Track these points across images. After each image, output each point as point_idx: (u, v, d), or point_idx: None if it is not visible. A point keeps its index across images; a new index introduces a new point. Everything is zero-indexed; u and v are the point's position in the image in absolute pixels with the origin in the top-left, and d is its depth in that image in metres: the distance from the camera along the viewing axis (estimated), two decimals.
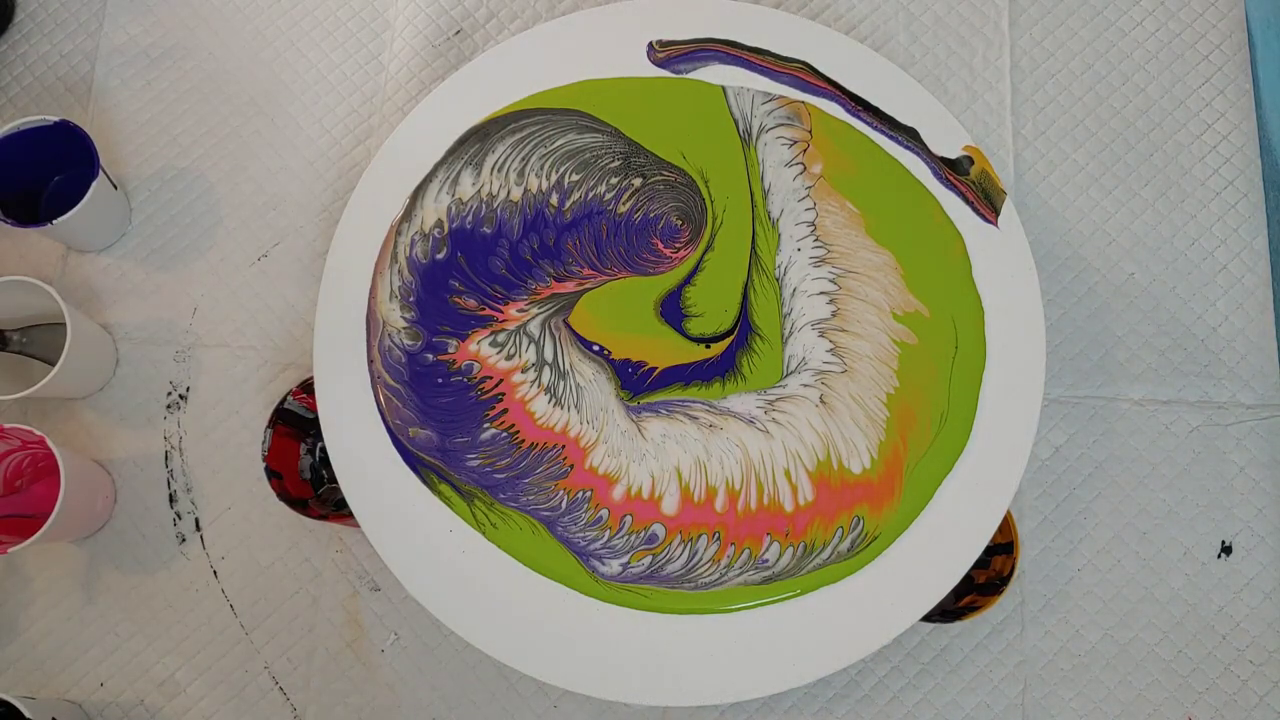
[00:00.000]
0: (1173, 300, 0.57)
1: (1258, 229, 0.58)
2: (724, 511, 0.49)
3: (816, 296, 0.51)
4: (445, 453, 0.50)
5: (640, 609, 0.48)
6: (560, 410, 0.50)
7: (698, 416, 0.50)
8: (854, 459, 0.49)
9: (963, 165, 0.52)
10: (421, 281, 0.52)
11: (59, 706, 0.52)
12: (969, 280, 0.51)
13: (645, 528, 0.49)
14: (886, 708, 0.54)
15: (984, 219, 0.51)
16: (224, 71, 0.62)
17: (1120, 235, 0.59)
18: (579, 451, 0.50)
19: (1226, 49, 0.61)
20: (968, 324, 0.50)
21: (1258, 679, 0.54)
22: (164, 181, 0.61)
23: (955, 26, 0.61)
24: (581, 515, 0.49)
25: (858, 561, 0.48)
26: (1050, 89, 0.61)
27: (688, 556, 0.48)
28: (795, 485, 0.49)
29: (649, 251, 0.52)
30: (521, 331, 0.51)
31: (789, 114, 0.53)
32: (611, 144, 0.53)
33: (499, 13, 0.63)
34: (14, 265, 0.59)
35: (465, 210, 0.53)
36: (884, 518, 0.48)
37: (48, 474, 0.55)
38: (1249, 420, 0.56)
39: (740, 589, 0.48)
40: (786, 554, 0.48)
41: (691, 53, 0.54)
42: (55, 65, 0.62)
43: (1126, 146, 0.60)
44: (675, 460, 0.50)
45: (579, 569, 0.49)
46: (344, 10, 0.64)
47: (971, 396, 0.49)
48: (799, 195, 0.52)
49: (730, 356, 0.51)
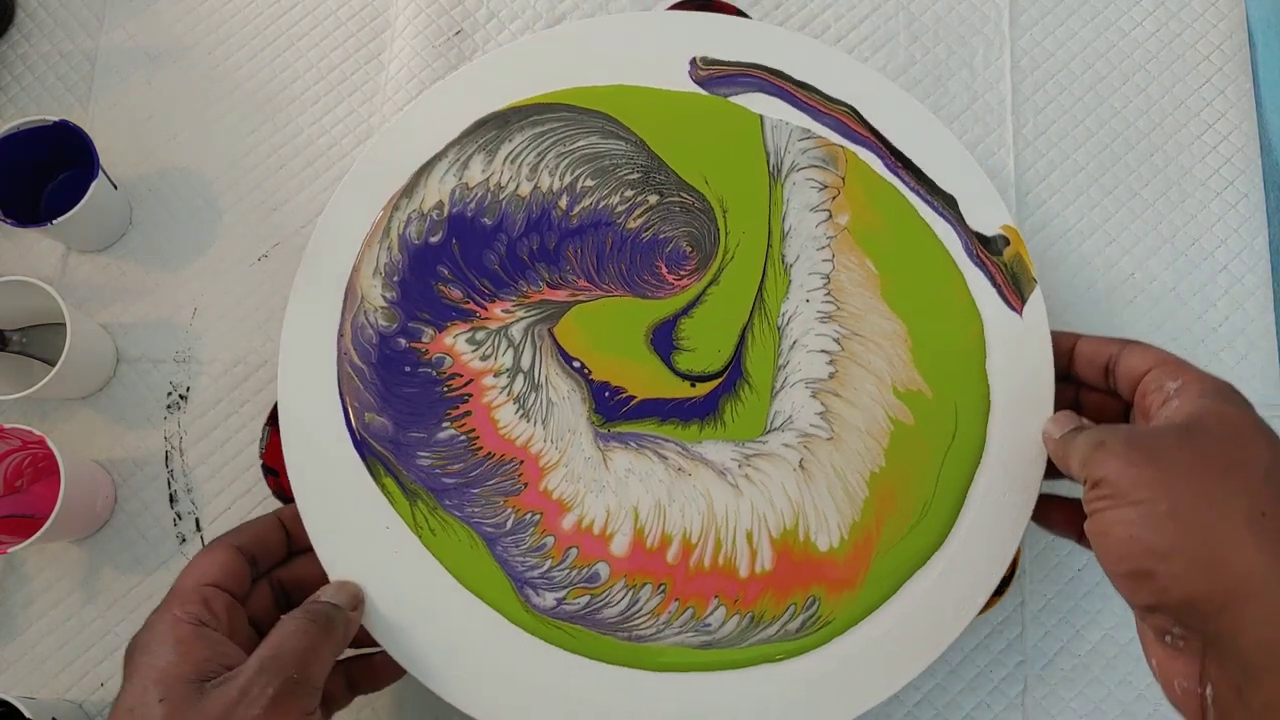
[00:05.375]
0: (1172, 300, 0.57)
1: (1258, 229, 0.58)
2: (675, 564, 0.46)
3: (817, 354, 0.48)
4: (398, 445, 0.48)
5: (566, 649, 0.45)
6: (526, 423, 0.48)
7: (668, 457, 0.47)
8: (822, 534, 0.46)
9: (997, 244, 0.49)
10: (410, 262, 0.50)
11: (59, 706, 0.51)
12: (981, 368, 0.47)
13: (589, 564, 0.46)
14: (886, 708, 0.52)
15: (1009, 305, 0.48)
16: (224, 71, 0.61)
17: (1120, 235, 0.58)
18: (536, 471, 0.47)
19: (1227, 49, 0.60)
20: (970, 414, 0.47)
21: None
22: (164, 181, 0.60)
23: (955, 26, 0.61)
24: (525, 538, 0.46)
25: (804, 644, 0.45)
26: (1050, 89, 0.60)
27: (628, 604, 0.45)
28: (755, 550, 0.46)
29: (651, 274, 0.49)
30: (503, 333, 0.49)
31: (825, 156, 0.50)
32: (634, 155, 0.50)
33: (499, 12, 0.62)
34: (14, 265, 0.58)
35: (470, 196, 0.50)
36: (841, 603, 0.45)
37: (48, 474, 0.54)
38: None
39: (675, 649, 0.45)
40: (732, 621, 0.45)
41: (736, 75, 0.51)
42: (55, 65, 0.61)
43: (1126, 146, 0.59)
44: (635, 499, 0.47)
45: (511, 595, 0.46)
46: (344, 10, 0.62)
47: (959, 492, 0.46)
48: (819, 244, 0.49)
49: (714, 400, 0.48)
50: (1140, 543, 0.36)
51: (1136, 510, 0.36)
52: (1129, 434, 0.38)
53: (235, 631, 0.41)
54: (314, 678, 0.39)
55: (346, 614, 0.43)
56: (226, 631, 0.40)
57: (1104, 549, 0.37)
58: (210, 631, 0.40)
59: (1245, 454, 0.36)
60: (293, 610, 0.41)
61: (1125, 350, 0.43)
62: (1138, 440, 0.38)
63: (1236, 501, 0.35)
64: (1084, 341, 0.45)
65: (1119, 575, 0.37)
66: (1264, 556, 0.34)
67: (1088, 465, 0.38)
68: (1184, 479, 0.36)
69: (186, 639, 0.39)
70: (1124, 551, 0.36)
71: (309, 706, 0.39)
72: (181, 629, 0.39)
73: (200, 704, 0.37)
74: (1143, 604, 0.36)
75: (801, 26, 0.61)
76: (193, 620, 0.40)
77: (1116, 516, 0.36)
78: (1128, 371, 0.42)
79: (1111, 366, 0.43)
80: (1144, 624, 0.37)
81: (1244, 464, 0.36)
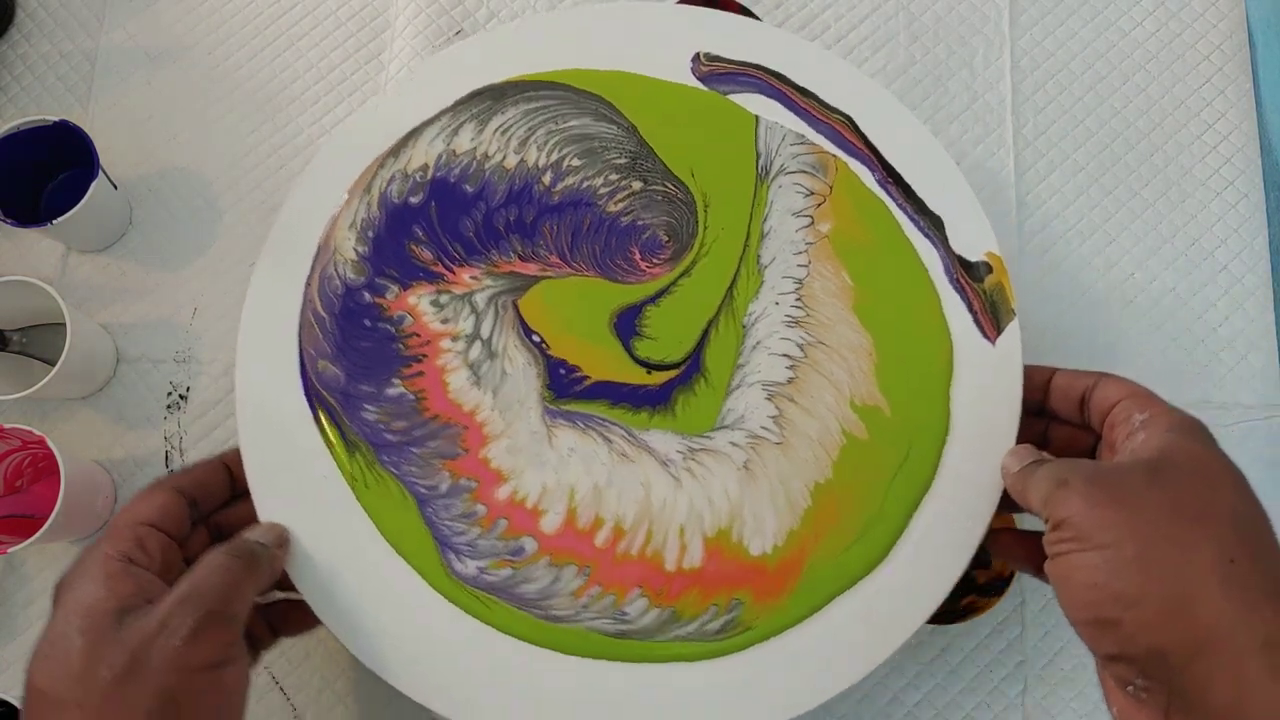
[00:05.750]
0: (1172, 300, 0.57)
1: (1258, 229, 0.58)
2: (603, 548, 0.45)
3: (778, 357, 0.47)
4: (346, 396, 0.47)
5: (480, 619, 0.44)
6: (476, 390, 0.47)
7: (613, 441, 0.46)
8: (757, 539, 0.44)
9: (979, 270, 0.47)
10: (386, 220, 0.50)
11: None
12: (944, 393, 0.46)
13: (517, 538, 0.45)
14: (886, 708, 0.52)
15: (983, 333, 0.47)
16: (224, 71, 0.62)
17: (1120, 235, 0.58)
18: (479, 438, 0.46)
19: (1227, 49, 0.60)
20: (926, 438, 0.45)
21: None
22: (164, 181, 0.60)
23: (955, 26, 0.61)
24: (457, 504, 0.46)
25: (721, 647, 0.43)
26: (1050, 89, 0.60)
27: (549, 582, 0.44)
28: (685, 545, 0.44)
29: (624, 258, 0.49)
30: (467, 299, 0.48)
31: (815, 163, 0.49)
32: (624, 140, 0.50)
33: (499, 12, 0.63)
34: (14, 265, 0.59)
35: (455, 162, 0.50)
36: (765, 611, 0.43)
37: (48, 474, 0.54)
38: (1249, 420, 0.55)
39: (589, 634, 0.43)
40: (651, 614, 0.44)
41: (737, 74, 0.51)
42: (55, 65, 0.62)
43: (1126, 146, 0.59)
44: (574, 478, 0.46)
45: (434, 558, 0.45)
46: (344, 10, 0.63)
47: (904, 516, 0.44)
48: (797, 249, 0.48)
49: (668, 390, 0.47)
50: (1105, 589, 0.34)
51: (1101, 555, 0.34)
52: (1092, 472, 0.37)
53: (170, 571, 0.41)
54: (235, 611, 0.39)
55: (272, 552, 0.42)
56: (159, 571, 0.40)
57: (1066, 594, 0.36)
58: (139, 569, 0.39)
59: (1214, 496, 0.35)
60: (217, 546, 0.41)
61: (1100, 382, 0.41)
62: (1102, 479, 0.36)
63: (1205, 548, 0.33)
64: (1060, 374, 0.44)
65: (1081, 622, 0.35)
66: (1232, 606, 0.32)
67: (1049, 504, 0.37)
68: (1151, 522, 0.34)
69: (114, 574, 0.38)
70: (1088, 598, 0.35)
71: (230, 638, 0.38)
72: (110, 565, 0.39)
73: (119, 635, 0.36)
74: (1106, 653, 0.35)
75: (801, 26, 0.60)
76: (122, 557, 0.39)
77: (1080, 561, 0.35)
78: (1099, 403, 0.41)
79: (1086, 398, 0.42)
80: (1105, 672, 0.36)
81: (1212, 507, 0.35)
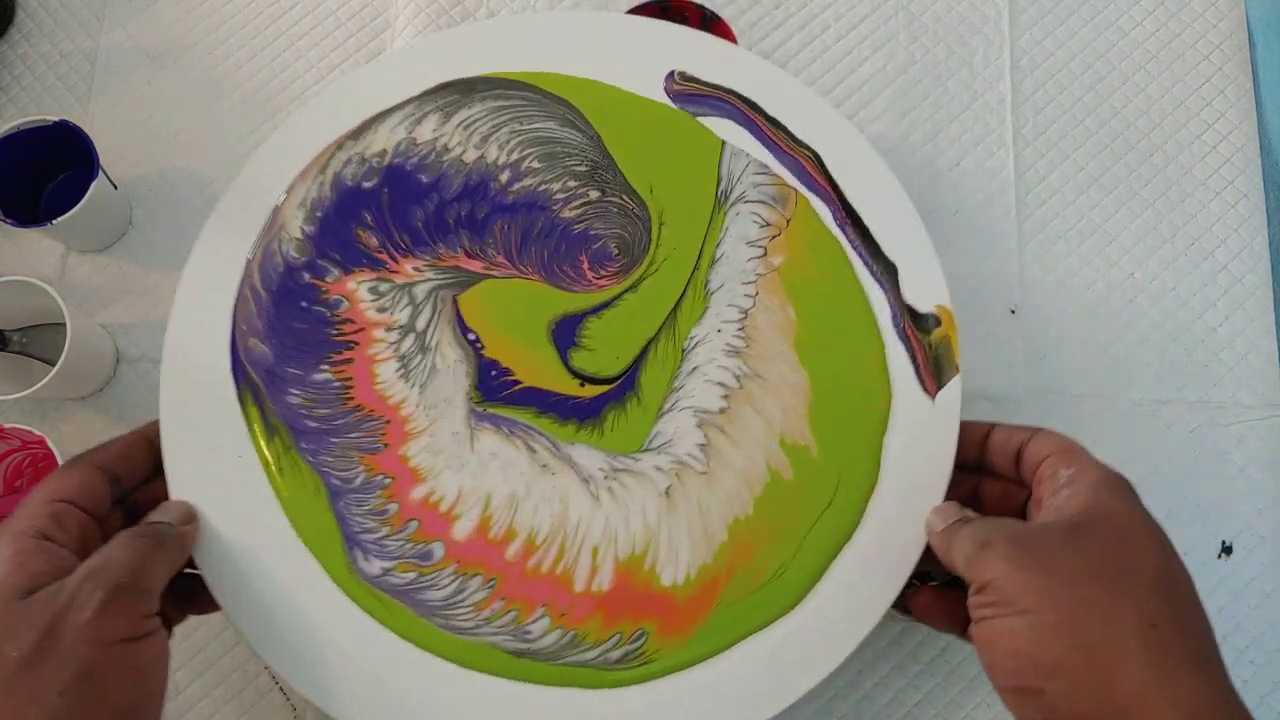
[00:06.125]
0: (1172, 299, 0.57)
1: (1258, 229, 0.58)
2: (512, 561, 0.44)
3: (714, 385, 0.46)
4: (272, 376, 0.46)
5: (379, 620, 0.43)
6: (404, 384, 0.46)
7: (536, 450, 0.45)
8: (669, 569, 0.43)
9: (927, 322, 0.47)
10: (337, 201, 0.49)
11: None
12: (877, 443, 0.45)
13: (426, 541, 0.44)
14: (887, 707, 0.51)
15: (923, 386, 0.46)
16: (224, 71, 0.61)
17: (1120, 235, 0.58)
18: (400, 434, 0.45)
19: (1227, 49, 0.60)
20: (852, 486, 0.44)
21: (1259, 679, 0.52)
22: (164, 181, 0.60)
23: (955, 26, 0.61)
24: (369, 500, 0.44)
25: (620, 677, 0.42)
26: (1050, 89, 0.60)
27: (453, 591, 0.43)
28: (596, 567, 0.43)
29: (572, 266, 0.48)
30: (407, 289, 0.47)
31: (776, 195, 0.49)
32: (587, 148, 0.49)
33: (498, 12, 0.62)
34: (14, 265, 0.59)
35: (414, 151, 0.49)
36: (669, 645, 0.42)
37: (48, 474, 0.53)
38: (1249, 420, 0.55)
39: (487, 649, 0.42)
40: (552, 635, 0.42)
41: (709, 97, 0.50)
42: (55, 65, 0.62)
43: (1126, 146, 0.59)
44: (492, 485, 0.45)
45: (339, 553, 0.44)
46: (344, 10, 0.63)
47: (820, 563, 0.43)
48: (746, 278, 0.48)
49: (599, 404, 0.46)
50: (1027, 657, 0.33)
51: (1024, 620, 0.34)
52: (1015, 534, 0.36)
53: (87, 550, 0.39)
54: (146, 585, 0.37)
55: (177, 529, 0.41)
56: (76, 548, 0.39)
57: (990, 660, 0.35)
58: (55, 547, 0.38)
59: (1135, 557, 0.34)
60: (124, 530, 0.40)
61: (1034, 437, 0.41)
62: (1025, 541, 0.36)
63: (1126, 612, 0.33)
64: (998, 430, 0.43)
65: (1005, 689, 0.35)
66: (1154, 674, 0.32)
67: (972, 566, 0.36)
68: (1071, 586, 0.34)
69: (26, 551, 0.37)
70: (1011, 665, 0.34)
71: (144, 610, 0.37)
72: (23, 542, 0.37)
73: (26, 611, 0.35)
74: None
75: (801, 26, 0.61)
76: (37, 534, 0.38)
77: (1003, 627, 0.34)
78: (1030, 457, 0.40)
79: (1022, 453, 0.41)
80: None
81: (1133, 569, 0.34)
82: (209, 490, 0.44)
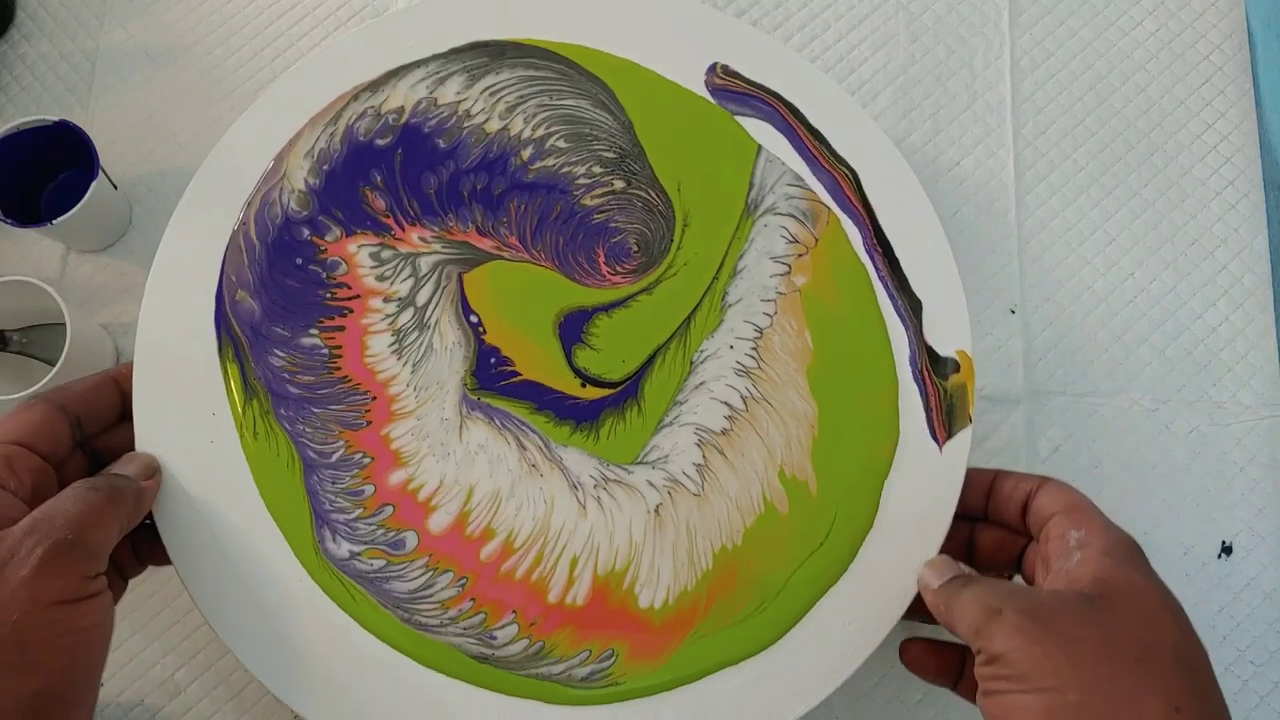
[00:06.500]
0: (1172, 299, 0.57)
1: (1258, 229, 0.58)
2: (488, 561, 0.42)
3: (719, 403, 0.44)
4: (257, 334, 0.44)
5: (341, 605, 0.41)
6: (396, 360, 0.44)
7: (526, 448, 0.43)
8: (648, 590, 0.42)
9: (945, 366, 0.45)
10: (346, 155, 0.46)
11: None
12: (877, 486, 0.43)
13: (399, 529, 0.42)
14: (887, 707, 0.51)
15: (932, 434, 0.44)
16: (224, 71, 0.60)
17: (1120, 235, 0.58)
18: (385, 413, 0.43)
19: (1226, 49, 0.60)
20: (847, 528, 0.43)
21: (1258, 679, 0.52)
22: (164, 181, 0.58)
23: (955, 26, 0.60)
24: (345, 478, 0.42)
25: (582, 696, 0.40)
26: (1050, 89, 0.60)
27: (421, 585, 0.41)
28: (574, 579, 0.42)
29: (587, 258, 0.46)
30: (411, 260, 0.45)
31: (807, 211, 0.46)
32: (617, 134, 0.47)
33: None
34: (14, 265, 0.57)
35: (434, 113, 0.46)
36: (638, 670, 0.41)
37: None
38: (1248, 420, 0.55)
39: (449, 651, 0.41)
40: (519, 644, 0.41)
41: (752, 96, 0.48)
42: (55, 65, 0.60)
43: (1126, 146, 0.59)
44: (476, 479, 0.43)
45: (307, 530, 0.42)
46: (344, 10, 0.60)
47: (804, 603, 0.42)
48: (766, 295, 0.45)
49: (597, 408, 0.44)
50: None
51: (1043, 699, 0.32)
52: (1028, 605, 0.35)
53: (40, 496, 0.36)
54: (93, 543, 0.35)
55: (138, 484, 0.39)
56: (28, 494, 0.36)
57: None
58: (2, 492, 0.36)
59: (1156, 636, 0.33)
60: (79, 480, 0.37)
61: (1042, 488, 0.40)
62: (1039, 614, 0.34)
63: (1151, 694, 0.32)
64: (1003, 478, 0.42)
65: None
66: None
67: (982, 636, 0.35)
68: (1093, 665, 0.33)
69: None
70: None
71: (88, 570, 0.34)
72: None
73: None
74: None
75: (802, 26, 0.59)
76: None
77: (1018, 703, 0.33)
78: (1038, 511, 0.40)
79: (1029, 504, 0.40)
80: None
81: (1155, 648, 0.33)
82: (176, 444, 0.42)
